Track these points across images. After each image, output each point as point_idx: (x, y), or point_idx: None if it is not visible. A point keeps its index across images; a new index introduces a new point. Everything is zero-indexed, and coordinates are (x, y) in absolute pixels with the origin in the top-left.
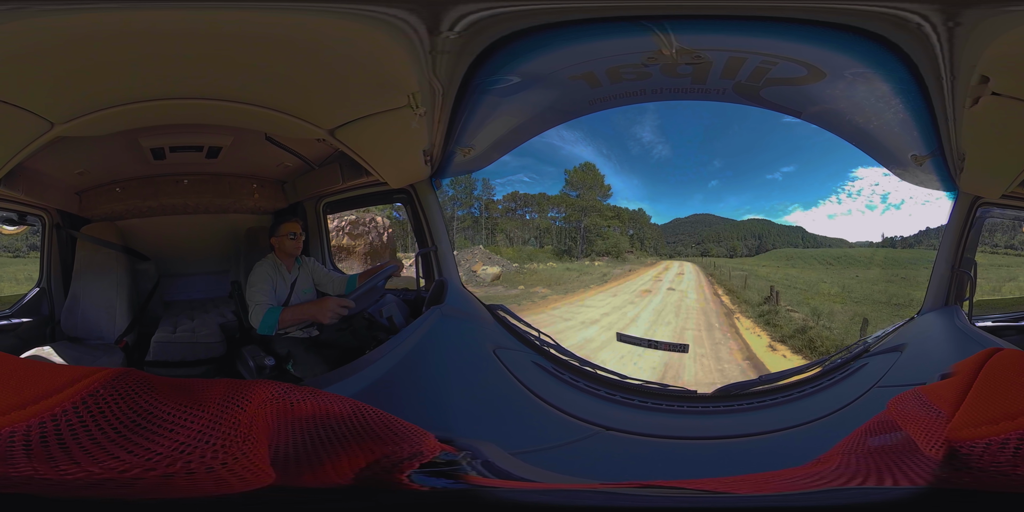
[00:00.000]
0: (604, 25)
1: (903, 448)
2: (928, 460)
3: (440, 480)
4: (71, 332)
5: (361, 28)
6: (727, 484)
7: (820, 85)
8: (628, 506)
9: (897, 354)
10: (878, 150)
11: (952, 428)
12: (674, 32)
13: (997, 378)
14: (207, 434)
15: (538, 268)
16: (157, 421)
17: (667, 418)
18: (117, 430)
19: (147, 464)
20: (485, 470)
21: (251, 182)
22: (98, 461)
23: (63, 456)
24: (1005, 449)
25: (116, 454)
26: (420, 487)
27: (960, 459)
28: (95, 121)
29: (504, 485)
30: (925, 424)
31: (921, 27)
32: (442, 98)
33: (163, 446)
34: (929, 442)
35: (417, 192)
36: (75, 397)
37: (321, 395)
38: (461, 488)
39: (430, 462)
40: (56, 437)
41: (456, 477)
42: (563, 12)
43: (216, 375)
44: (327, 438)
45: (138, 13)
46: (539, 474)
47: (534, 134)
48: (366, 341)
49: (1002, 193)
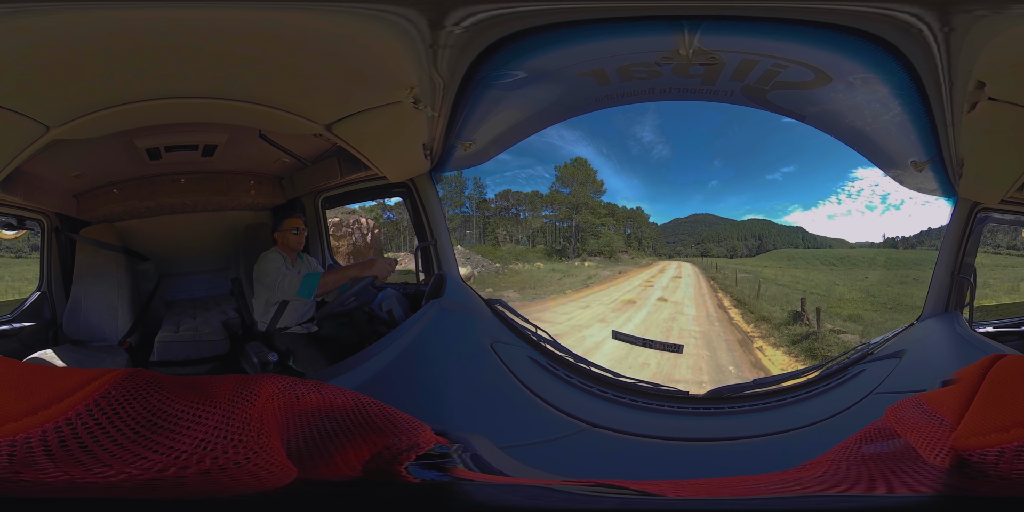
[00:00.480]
0: (622, 24)
1: (902, 456)
2: (928, 468)
3: (432, 473)
4: (74, 335)
5: (358, 23)
6: (683, 488)
7: (825, 89)
8: (580, 508)
9: (896, 360)
10: (878, 155)
11: (959, 436)
12: (698, 32)
13: (1003, 384)
14: (222, 430)
15: (522, 269)
16: (173, 419)
17: (656, 418)
18: (136, 430)
19: (178, 462)
20: (472, 463)
21: (248, 179)
22: (128, 462)
23: (90, 459)
24: (1021, 455)
25: (143, 454)
26: (413, 479)
27: (972, 467)
28: (90, 123)
29: (480, 479)
30: (927, 432)
31: (920, 32)
32: (443, 92)
33: (185, 444)
34: (933, 450)
35: (417, 186)
36: (87, 399)
37: (325, 388)
38: (443, 481)
39: (425, 454)
40: (76, 440)
41: (445, 470)
42: (573, 12)
43: (221, 372)
44: (332, 431)
45: (129, 13)
46: (517, 469)
47: (537, 130)
48: (366, 335)
49: (1001, 199)
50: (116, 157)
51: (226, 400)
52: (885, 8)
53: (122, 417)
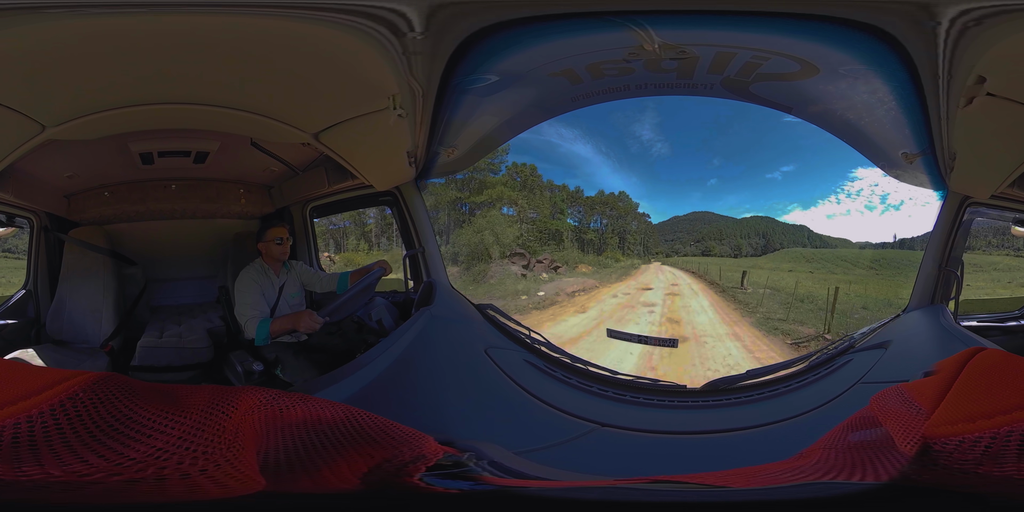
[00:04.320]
0: (580, 21)
1: (881, 443)
2: (899, 456)
3: (458, 482)
4: (56, 335)
5: (337, 33)
6: (723, 478)
7: (813, 81)
8: (649, 501)
9: (882, 351)
10: (869, 147)
11: (930, 425)
12: (654, 28)
13: (978, 377)
14: (188, 440)
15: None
16: (136, 426)
17: (659, 413)
18: (92, 434)
19: (114, 468)
20: (496, 470)
21: (238, 187)
22: (64, 464)
23: (30, 458)
24: (976, 447)
25: (85, 458)
26: (445, 490)
27: (931, 456)
28: (86, 125)
29: (533, 485)
30: (905, 420)
31: (938, 25)
32: (422, 99)
33: (138, 451)
34: (906, 438)
35: (403, 194)
36: (53, 400)
37: (311, 401)
38: (490, 489)
39: (435, 465)
40: (28, 439)
41: (471, 478)
42: (533, 6)
43: (203, 380)
44: (320, 444)
45: (128, 19)
46: (553, 473)
47: (518, 132)
48: (356, 345)
49: (991, 193)
50: (109, 160)
51: (199, 411)
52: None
53: (83, 420)
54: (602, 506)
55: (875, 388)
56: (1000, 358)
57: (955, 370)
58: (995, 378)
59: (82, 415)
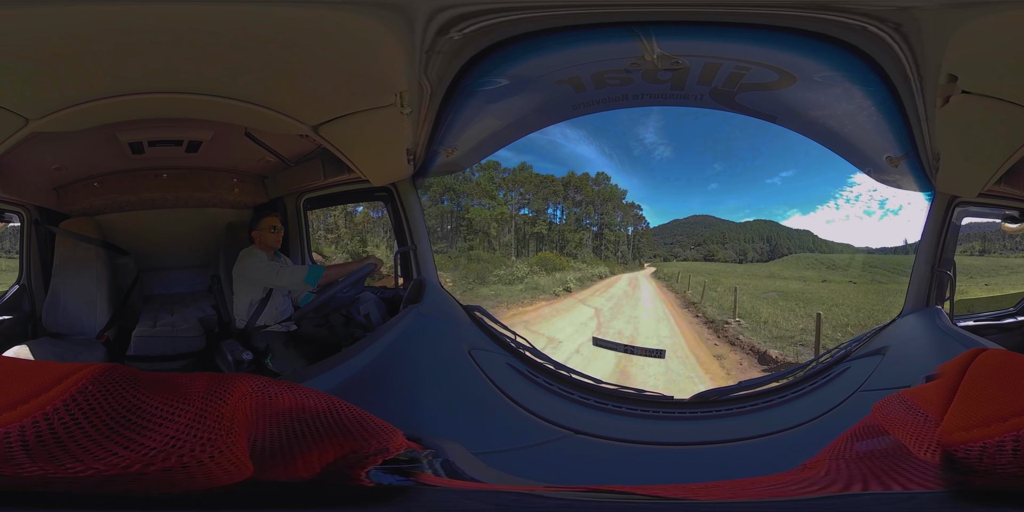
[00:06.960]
0: (594, 30)
1: (894, 452)
2: (927, 464)
3: (392, 477)
4: (52, 328)
5: (361, 23)
6: (691, 491)
7: (791, 89)
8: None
9: (879, 357)
10: (854, 153)
11: (943, 432)
12: (656, 38)
13: (984, 379)
14: (194, 428)
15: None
16: (146, 416)
17: (641, 423)
18: (109, 426)
19: (145, 459)
20: (442, 469)
21: (231, 177)
22: (99, 458)
23: (64, 455)
24: (1003, 451)
25: (113, 450)
26: (368, 483)
27: (960, 463)
28: (71, 116)
29: (445, 485)
30: (914, 428)
31: (865, 28)
32: (430, 98)
33: (155, 440)
34: (921, 446)
35: (398, 191)
36: (64, 395)
37: (298, 390)
38: (405, 486)
39: (393, 459)
40: (52, 436)
41: (410, 475)
42: (555, 19)
43: (196, 369)
44: (301, 432)
45: (116, 6)
46: (491, 476)
47: (516, 137)
48: (342, 337)
49: (979, 191)
50: (98, 150)
51: (199, 398)
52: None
53: (98, 413)
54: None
55: (875, 396)
56: (1003, 358)
57: (958, 373)
58: (1002, 379)
59: (95, 408)
